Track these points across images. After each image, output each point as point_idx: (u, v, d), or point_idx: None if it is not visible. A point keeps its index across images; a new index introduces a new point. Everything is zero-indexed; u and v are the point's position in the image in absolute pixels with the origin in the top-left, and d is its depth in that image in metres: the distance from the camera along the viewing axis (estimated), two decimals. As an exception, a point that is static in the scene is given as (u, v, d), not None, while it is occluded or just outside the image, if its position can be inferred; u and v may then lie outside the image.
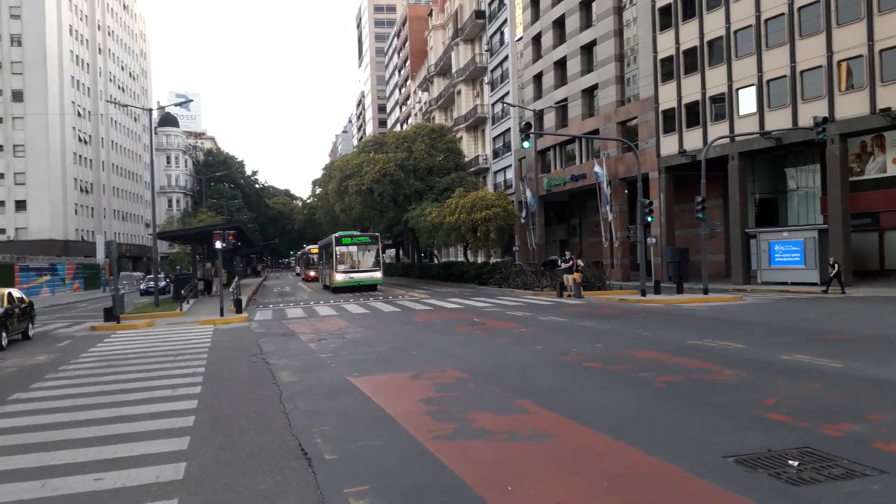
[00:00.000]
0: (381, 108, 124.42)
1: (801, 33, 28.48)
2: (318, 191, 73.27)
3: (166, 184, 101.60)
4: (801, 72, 28.56)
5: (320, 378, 10.34)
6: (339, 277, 35.74)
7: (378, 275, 36.70)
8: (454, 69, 66.79)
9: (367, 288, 36.25)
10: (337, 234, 38.00)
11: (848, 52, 26.80)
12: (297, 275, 75.02)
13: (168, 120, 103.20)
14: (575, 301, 24.93)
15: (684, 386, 8.69)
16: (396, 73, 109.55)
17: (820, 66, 27.76)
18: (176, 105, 72.77)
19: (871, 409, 7.00)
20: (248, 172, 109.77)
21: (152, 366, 12.26)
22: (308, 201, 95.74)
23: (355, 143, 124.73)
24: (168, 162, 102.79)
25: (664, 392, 8.42)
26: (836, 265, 24.26)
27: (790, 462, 5.34)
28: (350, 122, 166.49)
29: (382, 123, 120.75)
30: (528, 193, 40.19)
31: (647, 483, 5.15)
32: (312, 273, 54.14)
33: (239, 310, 23.77)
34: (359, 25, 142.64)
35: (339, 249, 36.13)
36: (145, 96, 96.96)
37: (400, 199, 49.10)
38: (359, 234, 39.43)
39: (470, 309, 22.27)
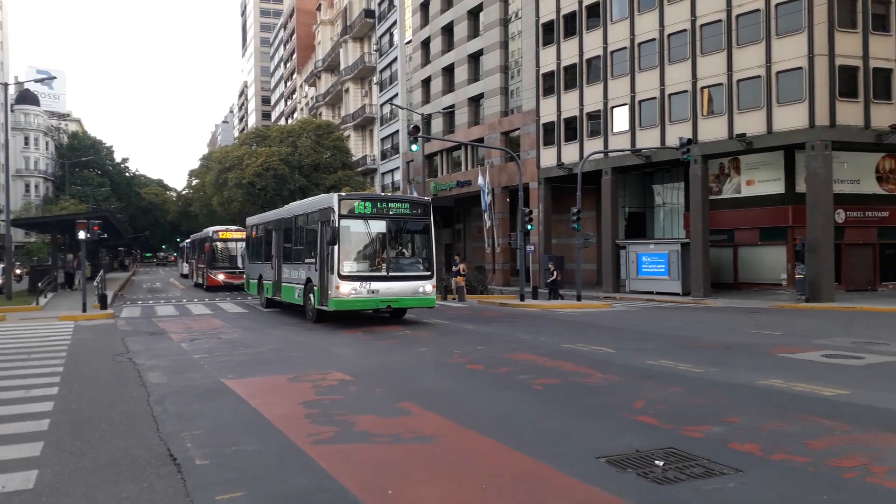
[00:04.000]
0: (266, 100, 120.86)
1: (671, 59, 30.51)
2: (195, 182, 70.06)
3: (24, 167, 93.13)
4: (670, 95, 30.59)
5: (192, 380, 9.84)
6: (220, 277, 32.60)
7: None
8: (342, 66, 66.03)
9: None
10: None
11: (710, 79, 29.00)
12: (185, 276, 49.50)
13: (27, 97, 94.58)
14: (458, 304, 25.38)
15: (560, 389, 9.02)
16: (282, 65, 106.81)
17: (686, 91, 29.87)
18: (36, 81, 66.98)
19: (728, 411, 7.55)
20: (118, 159, 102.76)
21: (1, 365, 11.17)
22: (184, 193, 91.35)
23: (236, 134, 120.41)
24: (27, 143, 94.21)
25: (542, 394, 8.70)
26: (555, 272, 27.10)
27: (656, 462, 5.65)
28: (231, 112, 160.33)
29: (266, 116, 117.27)
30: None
31: (524, 484, 5.27)
32: (222, 277, 33.39)
33: (104, 306, 22.21)
34: (243, 13, 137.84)
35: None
36: (1, 70, 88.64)
37: (284, 195, 47.82)
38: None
39: (351, 310, 21.99)
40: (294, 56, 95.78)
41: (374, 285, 16.21)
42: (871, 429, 6.74)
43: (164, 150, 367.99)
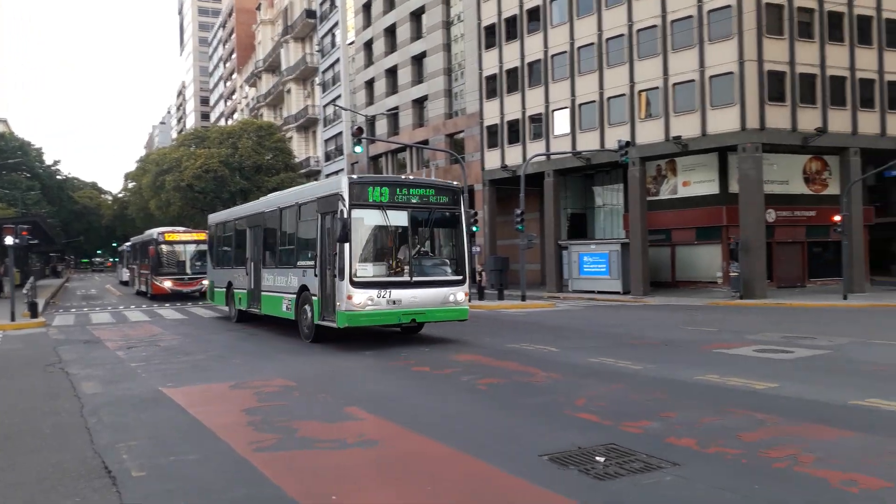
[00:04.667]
0: (205, 101, 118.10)
1: (609, 63, 31.23)
2: (132, 185, 68.01)
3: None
4: (608, 98, 31.31)
5: (129, 389, 9.54)
6: (167, 284, 29.43)
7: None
8: (284, 67, 65.17)
9: (198, 295, 29.74)
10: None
11: (647, 83, 29.82)
12: (125, 283, 45.56)
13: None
14: None
15: (505, 388, 9.11)
16: (222, 64, 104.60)
17: (624, 95, 30.62)
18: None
19: (665, 407, 7.77)
20: (49, 162, 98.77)
21: (-81, 379, 10.59)
22: (119, 196, 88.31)
23: (174, 135, 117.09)
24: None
25: (487, 394, 8.77)
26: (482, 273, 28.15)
27: (597, 458, 5.77)
28: (169, 112, 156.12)
29: (205, 117, 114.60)
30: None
31: (468, 484, 5.31)
32: (169, 284, 29.81)
33: (34, 314, 21.28)
34: (180, 11, 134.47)
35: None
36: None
37: (225, 197, 46.77)
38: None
39: (295, 314, 21.69)
40: (234, 56, 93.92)
41: (396, 294, 12.77)
42: (799, 420, 7.04)
43: (99, 152, 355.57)
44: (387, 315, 12.84)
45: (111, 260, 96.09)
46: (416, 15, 44.83)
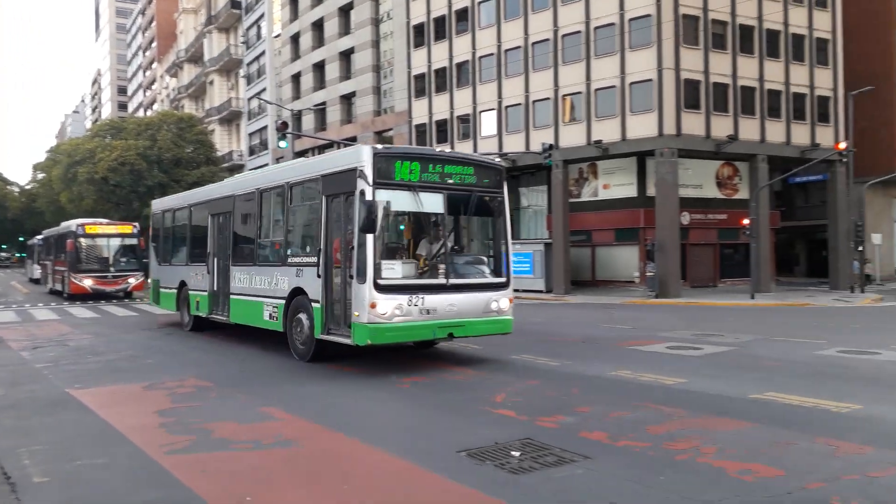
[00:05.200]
0: (122, 90, 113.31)
1: (535, 67, 31.86)
2: (41, 176, 64.51)
3: None
4: (534, 101, 31.96)
5: (33, 391, 9.09)
6: (87, 283, 26.94)
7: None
8: (207, 58, 63.31)
9: (122, 296, 28.40)
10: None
11: (571, 88, 30.59)
12: (35, 281, 41.98)
13: None
14: None
15: (428, 386, 9.19)
16: (141, 53, 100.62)
17: (549, 99, 31.32)
18: None
19: (580, 402, 8.03)
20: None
21: None
22: (27, 188, 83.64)
23: (89, 125, 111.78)
24: None
25: (409, 392, 8.82)
26: None
27: (513, 453, 5.91)
28: (83, 101, 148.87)
29: (123, 107, 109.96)
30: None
31: (385, 482, 5.35)
32: (90, 282, 27.17)
33: (-74, 312, 19.91)
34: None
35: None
36: None
37: (141, 191, 44.89)
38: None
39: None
40: (154, 44, 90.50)
41: (430, 301, 10.00)
42: (703, 414, 7.41)
43: (5, 141, 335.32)
44: (419, 328, 9.99)
45: (18, 255, 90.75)
46: (345, 10, 44.43)
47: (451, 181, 10.47)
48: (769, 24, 30.85)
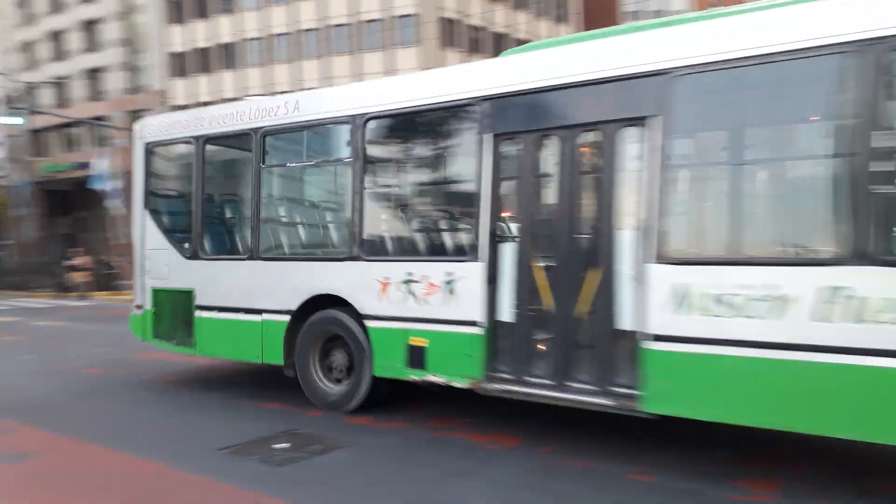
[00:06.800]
0: None
1: (305, 55, 31.57)
2: None
3: None
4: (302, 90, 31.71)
5: None
6: None
7: None
8: None
9: None
10: None
11: (339, 80, 30.80)
12: None
13: None
14: (79, 303, 23.15)
15: (188, 385, 8.80)
16: None
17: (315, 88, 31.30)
18: None
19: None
20: None
21: None
22: None
23: None
24: None
25: (167, 393, 8.38)
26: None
27: (277, 445, 5.95)
28: None
29: None
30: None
31: (137, 486, 5.10)
32: None
33: None
34: None
35: None
36: None
37: None
38: None
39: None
40: None
41: None
42: None
43: None
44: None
45: None
46: (88, -26, 40.04)
47: None
48: (523, 34, 33.65)
